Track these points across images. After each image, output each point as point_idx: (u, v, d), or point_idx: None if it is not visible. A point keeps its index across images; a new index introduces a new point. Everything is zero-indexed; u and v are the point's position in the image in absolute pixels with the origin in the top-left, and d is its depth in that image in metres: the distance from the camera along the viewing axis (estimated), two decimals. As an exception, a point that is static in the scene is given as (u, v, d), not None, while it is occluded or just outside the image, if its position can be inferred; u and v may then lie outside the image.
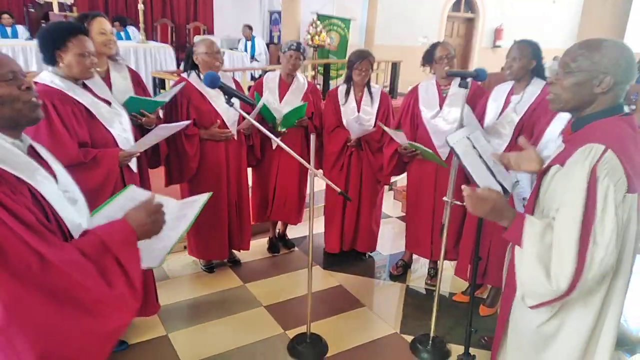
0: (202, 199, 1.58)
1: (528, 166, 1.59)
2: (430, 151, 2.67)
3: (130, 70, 2.54)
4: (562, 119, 1.99)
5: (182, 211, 1.55)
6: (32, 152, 1.25)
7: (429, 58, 2.86)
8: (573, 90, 1.32)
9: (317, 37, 8.64)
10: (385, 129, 2.86)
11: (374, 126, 3.07)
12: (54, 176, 1.26)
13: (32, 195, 1.14)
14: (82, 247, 1.14)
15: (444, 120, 2.82)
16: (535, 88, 2.45)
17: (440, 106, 2.84)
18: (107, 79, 2.36)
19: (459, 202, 2.31)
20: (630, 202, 1.25)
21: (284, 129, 3.04)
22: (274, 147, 3.13)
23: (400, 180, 4.57)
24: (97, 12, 2.38)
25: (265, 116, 3.01)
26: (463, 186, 1.42)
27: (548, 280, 1.26)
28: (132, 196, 1.54)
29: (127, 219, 1.26)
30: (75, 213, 1.26)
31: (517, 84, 2.53)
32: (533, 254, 1.29)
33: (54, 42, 1.94)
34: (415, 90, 2.97)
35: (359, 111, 3.11)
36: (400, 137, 2.82)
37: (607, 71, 1.26)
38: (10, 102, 1.17)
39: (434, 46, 2.86)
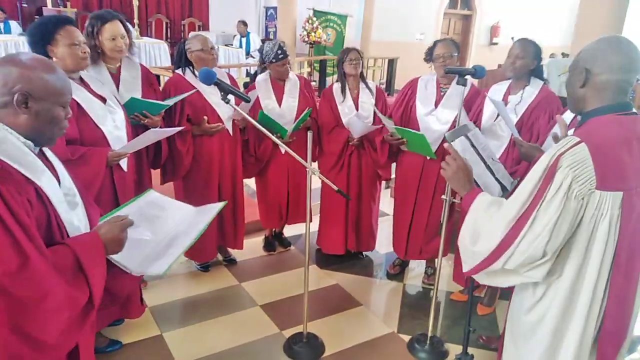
0: (217, 206, 1.61)
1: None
2: (420, 133, 2.61)
3: (143, 69, 2.53)
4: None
5: (196, 218, 1.58)
6: (40, 155, 1.29)
7: (429, 55, 2.83)
8: (567, 89, 1.39)
9: (313, 34, 8.61)
10: (378, 112, 2.83)
11: (374, 122, 3.03)
12: (58, 180, 1.30)
13: (37, 195, 1.18)
14: (57, 262, 1.16)
15: (437, 119, 2.78)
16: (533, 89, 2.43)
17: (436, 105, 2.81)
18: (117, 75, 2.39)
19: (457, 201, 2.30)
20: (602, 199, 1.24)
21: (288, 135, 2.95)
22: (282, 152, 3.01)
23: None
24: (110, 14, 2.35)
25: (271, 128, 2.88)
26: (446, 145, 1.52)
27: (472, 244, 1.34)
28: (150, 200, 1.58)
29: (100, 233, 1.28)
30: (74, 216, 1.31)
31: (514, 83, 2.50)
32: (472, 219, 1.38)
33: (42, 37, 1.95)
34: (414, 84, 2.92)
35: (357, 109, 3.06)
36: (389, 124, 2.78)
37: (584, 65, 1.31)
38: (54, 124, 1.24)
39: (435, 43, 2.82)
